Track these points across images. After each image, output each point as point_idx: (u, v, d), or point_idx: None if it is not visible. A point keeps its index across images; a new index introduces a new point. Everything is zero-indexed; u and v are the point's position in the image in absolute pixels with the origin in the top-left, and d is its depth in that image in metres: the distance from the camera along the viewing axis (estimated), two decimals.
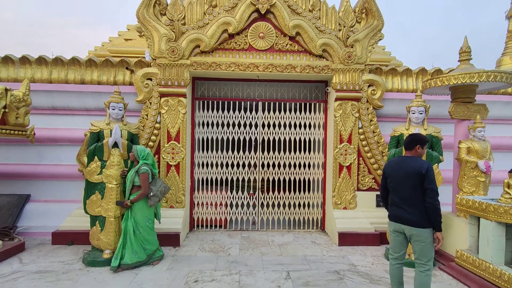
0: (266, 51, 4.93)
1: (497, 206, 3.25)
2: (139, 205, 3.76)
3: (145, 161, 3.80)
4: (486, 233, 3.34)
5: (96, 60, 5.05)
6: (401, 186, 2.69)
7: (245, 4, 4.76)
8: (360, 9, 4.89)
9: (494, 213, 3.24)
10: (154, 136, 4.84)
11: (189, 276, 3.52)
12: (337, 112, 4.95)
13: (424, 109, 4.05)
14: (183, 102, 4.84)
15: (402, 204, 2.67)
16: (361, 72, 4.92)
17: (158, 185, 3.87)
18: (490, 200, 3.45)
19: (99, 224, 3.91)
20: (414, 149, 2.78)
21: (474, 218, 3.60)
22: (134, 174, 3.73)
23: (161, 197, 3.89)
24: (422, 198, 2.57)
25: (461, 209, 3.72)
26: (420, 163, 2.63)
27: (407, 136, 2.88)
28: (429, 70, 5.29)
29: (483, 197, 3.71)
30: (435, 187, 2.55)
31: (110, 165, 3.93)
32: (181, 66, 4.79)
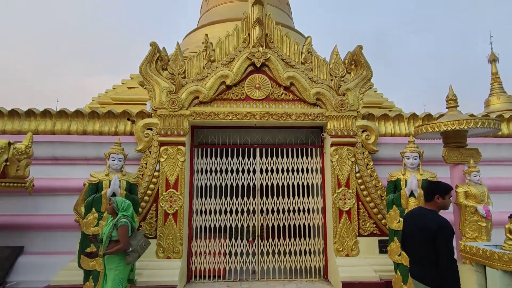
0: (262, 100, 5.16)
1: (501, 254, 3.18)
2: (114, 263, 3.26)
3: (124, 213, 3.42)
4: (493, 282, 3.22)
5: (99, 112, 5.26)
6: (411, 242, 2.54)
7: (241, 59, 5.09)
8: (349, 61, 5.23)
9: (499, 261, 3.16)
10: (153, 185, 4.86)
11: None
12: (333, 157, 5.03)
13: (418, 155, 4.14)
14: (182, 150, 4.94)
15: (413, 260, 2.53)
16: (354, 119, 5.10)
17: (138, 239, 3.44)
18: (494, 247, 3.38)
19: (93, 279, 3.77)
20: (433, 200, 2.53)
21: (480, 266, 3.49)
22: (112, 227, 3.32)
23: (141, 252, 3.46)
24: (433, 256, 2.35)
25: (465, 256, 3.63)
26: (432, 219, 2.40)
27: (427, 185, 2.70)
28: (419, 115, 5.50)
29: (486, 244, 3.64)
30: (450, 246, 2.30)
31: (107, 217, 3.89)
32: (180, 116, 4.98)
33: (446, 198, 2.53)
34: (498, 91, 10.67)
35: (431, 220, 2.41)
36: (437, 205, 2.54)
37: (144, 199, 4.81)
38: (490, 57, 11.18)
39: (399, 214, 4.10)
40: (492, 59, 11.14)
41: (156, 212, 4.83)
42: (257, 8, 5.13)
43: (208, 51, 5.11)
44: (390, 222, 4.17)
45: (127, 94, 8.07)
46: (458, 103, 4.34)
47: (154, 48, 5.02)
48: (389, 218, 4.19)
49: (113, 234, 3.31)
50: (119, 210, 3.42)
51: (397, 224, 4.10)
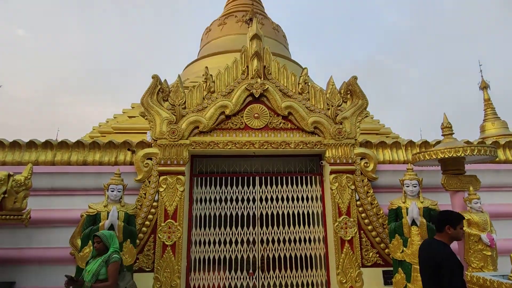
0: (261, 129, 5.25)
1: (509, 284, 3.09)
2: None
3: (116, 248, 3.16)
4: None
5: (99, 142, 5.31)
6: (421, 275, 2.44)
7: (240, 90, 5.25)
8: (345, 91, 5.39)
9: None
10: (151, 215, 4.80)
11: None
12: (333, 185, 5.03)
13: (418, 182, 4.15)
14: (181, 180, 4.93)
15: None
16: (352, 146, 5.16)
17: (126, 281, 3.17)
18: (501, 277, 3.29)
19: None
20: (444, 231, 2.44)
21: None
22: (102, 264, 3.00)
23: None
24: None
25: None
26: (438, 251, 2.31)
27: (437, 215, 2.60)
28: (416, 142, 5.57)
29: (493, 274, 3.54)
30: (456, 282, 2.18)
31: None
32: (180, 146, 5.03)
33: (458, 228, 2.44)
34: (491, 116, 10.89)
35: (437, 252, 2.34)
36: (449, 236, 2.46)
37: (142, 230, 4.73)
38: (481, 85, 11.53)
39: (402, 243, 4.03)
40: (483, 86, 11.47)
41: (154, 244, 4.72)
42: (255, 42, 5.37)
43: (208, 82, 5.27)
44: (394, 252, 4.09)
45: (128, 123, 8.20)
46: (453, 130, 4.43)
47: (156, 80, 5.18)
48: (392, 248, 4.11)
49: (101, 271, 2.98)
50: (110, 245, 3.15)
51: (400, 254, 4.02)
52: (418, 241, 3.88)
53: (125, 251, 3.95)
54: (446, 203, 4.74)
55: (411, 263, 3.87)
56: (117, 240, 3.30)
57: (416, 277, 3.80)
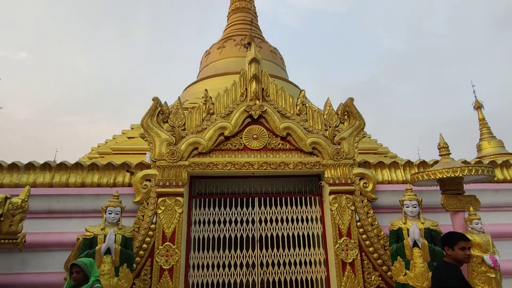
0: (260, 150, 5.28)
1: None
2: None
3: (97, 277, 2.99)
4: None
5: (98, 164, 5.31)
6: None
7: (239, 111, 5.33)
8: (342, 112, 5.48)
9: None
10: (149, 238, 4.71)
11: None
12: (333, 206, 5.00)
13: (417, 203, 4.14)
14: (180, 201, 4.89)
15: None
16: (351, 167, 5.18)
17: None
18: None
19: None
20: (447, 253, 2.48)
21: None
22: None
23: None
24: None
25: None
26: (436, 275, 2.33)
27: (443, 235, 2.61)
28: (414, 162, 5.60)
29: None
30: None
31: (100, 275, 3.71)
32: (179, 167, 5.04)
33: (456, 249, 2.40)
34: (487, 136, 11.05)
35: (435, 277, 2.34)
36: (451, 258, 2.44)
37: (139, 254, 4.63)
38: (475, 105, 11.79)
39: (405, 265, 3.96)
40: (477, 106, 11.72)
41: (151, 268, 4.60)
42: (253, 66, 5.52)
43: (207, 104, 5.36)
44: (396, 275, 4.00)
45: (127, 144, 8.22)
46: (449, 150, 4.47)
47: (156, 102, 5.27)
48: (395, 271, 4.03)
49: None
50: (90, 274, 2.96)
51: (403, 277, 3.94)
52: (420, 263, 3.82)
53: (122, 276, 3.86)
54: (447, 223, 4.71)
55: (415, 286, 3.79)
56: (97, 269, 3.16)
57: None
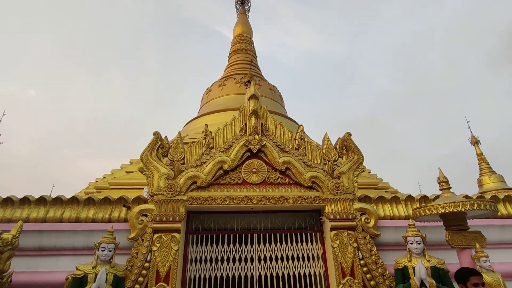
0: (259, 184, 5.23)
1: None
2: None
3: None
4: None
5: (95, 198, 5.22)
6: None
7: (238, 146, 5.37)
8: (340, 146, 5.53)
9: None
10: (142, 278, 4.47)
11: None
12: (334, 243, 4.82)
13: (421, 239, 4.01)
14: (176, 238, 4.73)
15: None
16: (351, 201, 5.10)
17: None
18: None
19: None
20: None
21: None
22: None
23: None
24: None
25: None
26: None
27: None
28: (415, 197, 5.52)
29: None
30: None
31: None
32: (177, 201, 4.95)
33: (468, 285, 2.39)
34: (487, 170, 11.02)
35: None
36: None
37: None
38: (472, 140, 11.92)
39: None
40: (474, 141, 11.85)
41: None
42: (253, 102, 5.68)
43: (207, 139, 5.42)
44: None
45: (125, 178, 8.15)
46: (450, 184, 4.43)
47: (157, 137, 5.33)
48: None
49: None
50: None
51: None
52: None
53: None
54: (454, 261, 4.52)
55: None
56: None
57: None
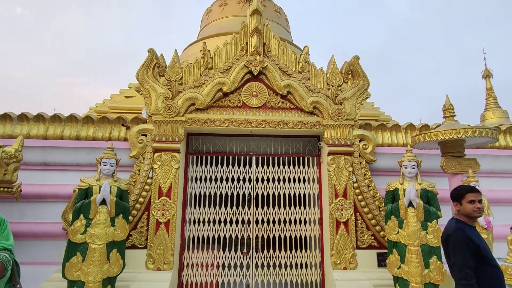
0: (259, 108, 5.12)
1: (504, 266, 3.07)
2: None
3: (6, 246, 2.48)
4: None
5: (93, 117, 5.18)
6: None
7: (239, 67, 5.09)
8: (346, 71, 5.24)
9: (504, 273, 3.03)
10: (145, 192, 4.72)
11: None
12: (330, 167, 4.95)
13: (416, 164, 4.07)
14: (176, 157, 4.84)
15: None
16: (352, 128, 5.06)
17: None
18: (497, 259, 3.27)
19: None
20: (456, 210, 2.40)
21: None
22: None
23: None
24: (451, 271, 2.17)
25: None
26: (446, 227, 2.26)
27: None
28: (417, 126, 5.47)
29: None
30: (460, 260, 2.07)
31: (95, 224, 3.75)
32: (176, 122, 4.91)
33: (464, 203, 2.30)
34: (493, 106, 10.77)
35: (445, 229, 2.27)
36: (459, 213, 2.35)
37: (135, 207, 4.67)
38: (484, 73, 11.36)
39: (398, 225, 3.99)
40: (486, 75, 11.30)
41: (148, 221, 4.67)
42: (255, 18, 5.17)
43: (205, 58, 5.11)
44: (389, 233, 4.05)
45: (124, 103, 8.03)
46: (454, 112, 4.32)
47: (152, 54, 5.01)
48: (388, 229, 4.07)
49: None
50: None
51: (396, 235, 3.98)
52: (414, 223, 3.84)
53: (117, 226, 3.89)
54: (444, 187, 4.70)
55: (406, 244, 3.84)
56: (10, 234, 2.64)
57: (410, 258, 3.77)
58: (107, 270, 3.71)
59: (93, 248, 3.66)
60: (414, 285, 3.68)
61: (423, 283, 3.67)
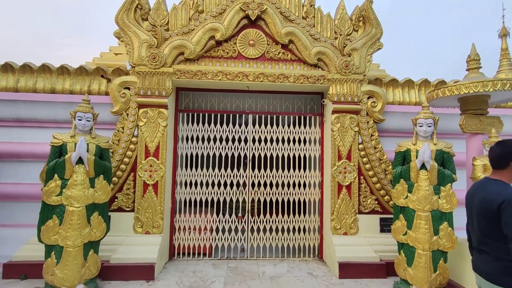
0: (257, 59, 4.53)
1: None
2: None
3: None
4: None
5: (69, 68, 4.59)
6: (473, 223, 1.98)
7: (234, 10, 4.41)
8: (357, 17, 4.58)
9: None
10: (130, 152, 4.30)
11: None
12: (334, 126, 4.49)
13: (433, 122, 3.61)
14: (163, 113, 4.34)
15: (476, 246, 1.99)
16: (360, 83, 4.52)
17: None
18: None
19: (55, 255, 3.28)
20: (508, 167, 1.88)
21: None
22: None
23: None
24: (497, 242, 1.79)
25: None
26: (496, 192, 1.81)
27: (495, 146, 1.96)
28: (432, 82, 4.92)
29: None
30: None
31: (72, 185, 3.36)
32: (162, 74, 4.35)
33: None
34: (507, 68, 10.06)
35: (494, 193, 1.80)
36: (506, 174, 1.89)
37: (120, 167, 4.27)
38: (501, 32, 10.50)
39: (407, 189, 3.63)
40: (503, 33, 10.46)
41: (134, 183, 4.30)
42: None
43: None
44: (396, 197, 3.70)
45: (114, 60, 7.27)
46: (480, 64, 3.77)
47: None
48: (395, 193, 3.72)
49: None
50: None
51: (404, 200, 3.63)
52: (425, 187, 3.47)
53: (98, 188, 3.51)
54: (459, 150, 4.28)
55: (415, 209, 3.50)
56: None
57: (419, 224, 3.46)
58: (88, 234, 3.39)
59: (71, 210, 3.31)
60: (421, 252, 3.41)
61: (430, 250, 3.40)
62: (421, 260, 3.41)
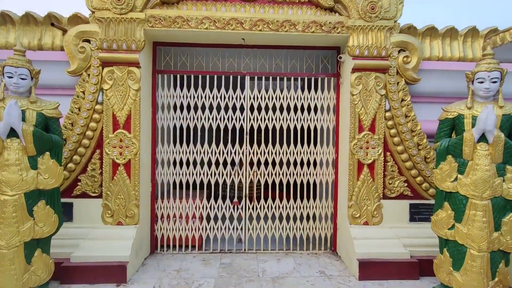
0: (255, 1, 3.46)
1: None
2: None
3: None
4: None
5: (12, 16, 3.56)
6: None
7: None
8: None
9: None
10: (95, 123, 3.38)
11: None
12: (355, 89, 3.49)
13: (500, 75, 2.59)
14: (134, 73, 3.37)
15: None
16: (389, 31, 3.46)
17: None
18: None
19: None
20: None
21: None
22: None
23: None
24: None
25: None
26: None
27: None
28: (481, 31, 3.81)
29: None
30: None
31: (2, 166, 2.48)
32: (131, 21, 3.33)
33: None
34: None
35: None
36: None
37: (82, 143, 3.38)
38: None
39: (456, 168, 2.69)
40: None
41: (101, 162, 3.42)
42: None
43: None
44: (440, 180, 2.78)
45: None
46: None
47: None
48: (439, 175, 2.79)
49: None
50: None
51: (451, 183, 2.71)
52: (485, 166, 2.54)
53: (43, 169, 2.63)
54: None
55: (468, 196, 2.59)
56: None
57: (473, 216, 2.56)
58: (30, 230, 2.55)
59: (3, 200, 2.45)
60: (475, 253, 2.54)
61: (489, 251, 2.52)
62: (475, 263, 2.54)
